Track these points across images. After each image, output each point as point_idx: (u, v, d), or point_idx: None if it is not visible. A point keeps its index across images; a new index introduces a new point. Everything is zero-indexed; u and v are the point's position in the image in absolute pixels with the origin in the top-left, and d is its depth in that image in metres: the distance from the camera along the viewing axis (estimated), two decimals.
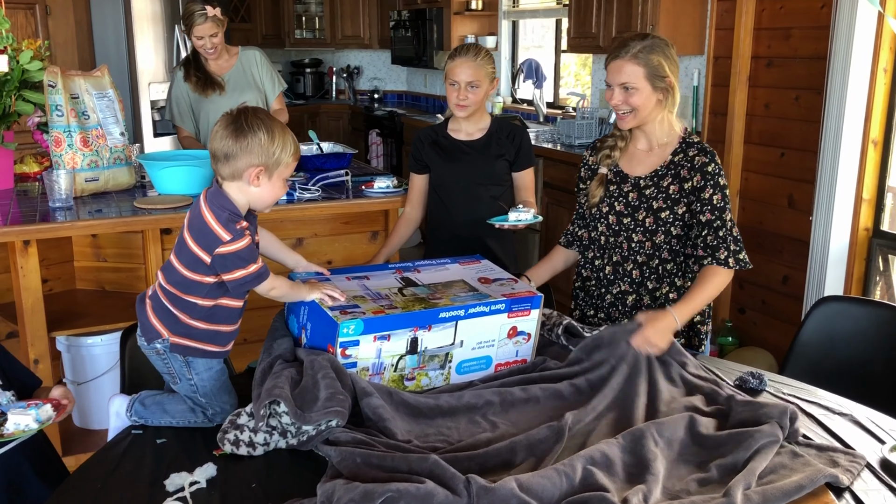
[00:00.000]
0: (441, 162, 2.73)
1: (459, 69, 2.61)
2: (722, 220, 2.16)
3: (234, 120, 1.75)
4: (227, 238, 1.72)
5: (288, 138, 1.78)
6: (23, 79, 2.89)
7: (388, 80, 7.93)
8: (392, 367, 1.84)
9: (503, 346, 1.97)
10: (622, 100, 2.14)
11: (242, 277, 1.75)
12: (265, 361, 1.81)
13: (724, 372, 2.09)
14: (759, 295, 3.94)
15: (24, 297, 2.74)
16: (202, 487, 1.57)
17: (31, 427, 1.67)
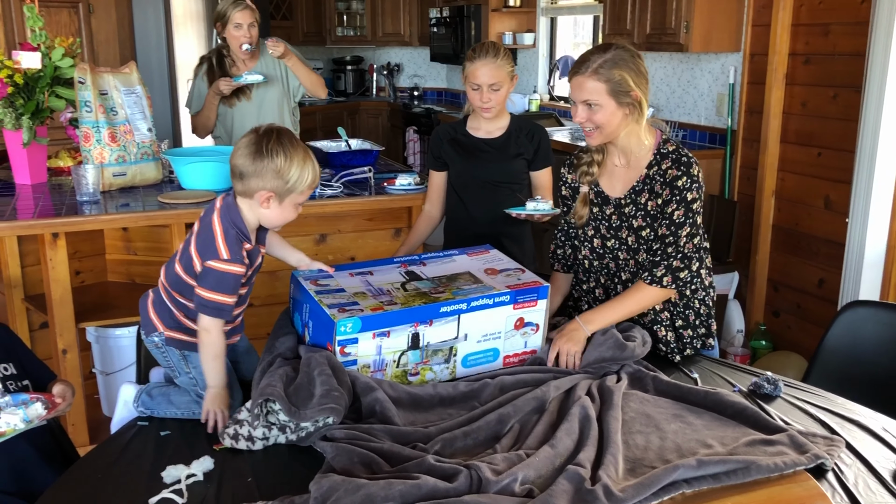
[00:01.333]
0: (460, 160, 2.72)
1: (480, 71, 2.58)
2: (676, 236, 2.05)
3: (257, 140, 1.75)
4: (224, 256, 1.73)
5: (307, 169, 1.76)
6: (55, 75, 2.96)
7: (428, 77, 7.93)
8: (394, 364, 1.84)
9: (510, 337, 1.96)
10: (586, 117, 2.03)
11: (209, 300, 1.74)
12: (265, 360, 1.82)
13: (738, 377, 2.04)
14: (794, 298, 3.84)
15: (52, 288, 2.80)
16: (198, 480, 1.58)
17: (18, 426, 1.72)
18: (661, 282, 2.07)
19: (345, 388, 1.69)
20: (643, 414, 1.79)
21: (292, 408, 1.64)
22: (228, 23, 3.45)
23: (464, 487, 1.44)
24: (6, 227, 2.60)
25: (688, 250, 2.07)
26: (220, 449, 1.70)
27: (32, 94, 2.94)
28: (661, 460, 1.60)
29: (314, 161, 1.80)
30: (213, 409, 1.76)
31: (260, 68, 3.62)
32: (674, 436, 1.69)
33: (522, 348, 2.00)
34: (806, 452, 1.60)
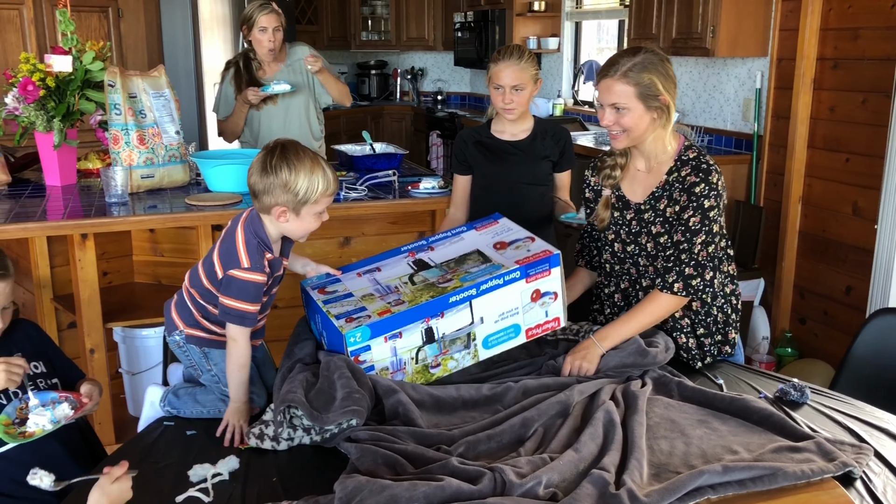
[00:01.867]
0: (486, 162, 2.72)
1: (503, 73, 2.59)
2: (690, 243, 2.03)
3: (262, 157, 1.78)
4: (245, 265, 1.76)
5: (315, 177, 1.76)
6: (85, 78, 3.00)
7: (452, 81, 7.95)
8: (412, 360, 1.85)
9: (529, 310, 1.95)
10: (613, 120, 2.02)
11: (231, 307, 1.77)
12: (285, 365, 1.84)
13: (764, 384, 2.02)
14: (821, 305, 3.80)
15: (81, 288, 2.84)
16: (224, 479, 1.60)
17: (46, 427, 1.74)
18: (672, 288, 2.05)
19: (366, 390, 1.70)
20: (668, 419, 1.78)
21: (314, 412, 1.65)
22: (254, 26, 3.49)
23: (488, 490, 1.44)
24: (37, 227, 2.64)
25: (702, 258, 2.04)
26: (245, 448, 1.72)
27: (63, 97, 2.99)
28: (685, 465, 1.59)
29: (325, 168, 1.80)
30: (232, 422, 1.77)
31: (287, 73, 3.65)
32: (699, 441, 1.68)
33: (544, 318, 1.98)
34: (834, 460, 1.58)
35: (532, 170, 2.70)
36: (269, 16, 3.47)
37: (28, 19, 4.70)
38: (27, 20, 4.70)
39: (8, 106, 2.95)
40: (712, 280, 2.10)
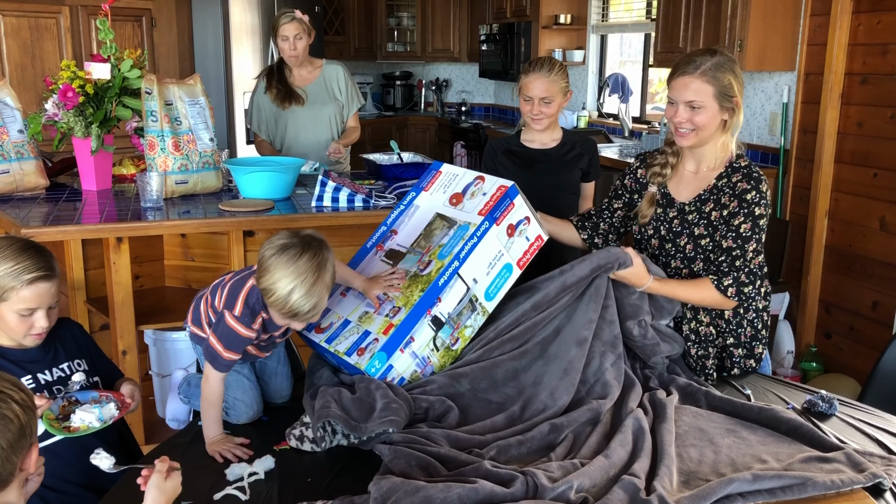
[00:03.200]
0: (516, 170, 2.75)
1: (533, 84, 2.64)
2: (742, 250, 2.04)
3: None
4: (236, 312, 1.75)
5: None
6: (123, 86, 3.07)
7: (476, 93, 7.99)
8: (434, 351, 1.88)
9: (511, 245, 1.98)
10: (687, 118, 2.04)
11: (211, 346, 1.78)
12: (309, 392, 1.85)
13: (792, 395, 2.03)
14: (847, 320, 3.79)
15: (115, 291, 2.89)
16: (260, 479, 1.63)
17: (93, 425, 1.78)
18: (727, 291, 2.06)
19: (403, 400, 1.73)
20: (696, 428, 1.79)
21: (352, 423, 1.68)
22: (277, 34, 3.60)
23: (520, 493, 1.47)
24: (75, 230, 2.70)
25: (754, 266, 2.06)
26: (279, 449, 1.75)
27: (101, 104, 3.05)
28: (715, 473, 1.60)
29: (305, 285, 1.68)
30: (218, 452, 1.75)
31: (318, 87, 3.75)
32: (728, 450, 1.70)
33: (527, 244, 2.02)
34: (863, 471, 1.59)
35: (562, 178, 2.74)
36: (289, 25, 3.58)
37: (65, 27, 4.81)
38: (64, 28, 4.81)
39: (48, 112, 3.02)
40: (759, 289, 2.12)
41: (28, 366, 1.86)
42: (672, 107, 2.08)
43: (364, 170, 3.83)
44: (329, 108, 3.76)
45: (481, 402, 1.83)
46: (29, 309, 1.79)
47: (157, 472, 1.42)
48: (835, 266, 3.84)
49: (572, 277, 1.98)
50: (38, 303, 1.79)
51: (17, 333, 1.82)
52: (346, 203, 2.97)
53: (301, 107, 3.70)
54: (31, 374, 1.85)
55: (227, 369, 1.82)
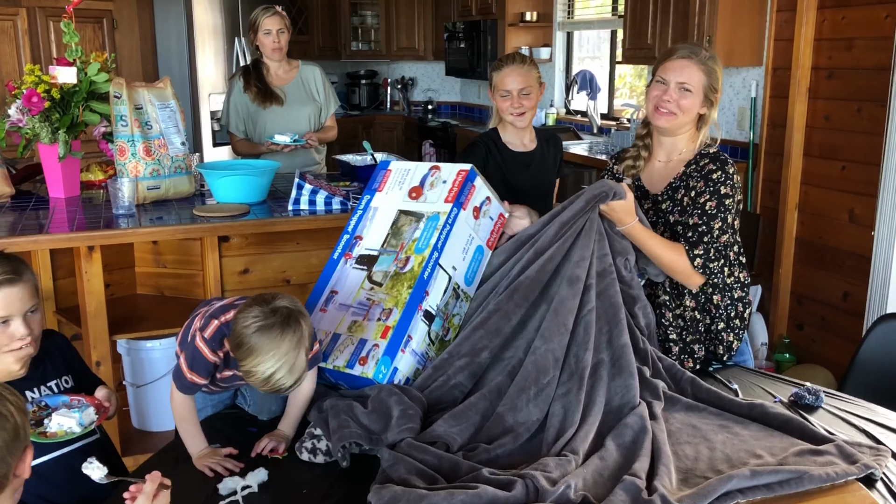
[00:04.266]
0: (511, 175, 2.70)
1: (510, 78, 2.61)
2: (708, 227, 2.07)
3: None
4: (206, 335, 1.70)
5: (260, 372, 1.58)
6: (90, 90, 2.99)
7: (442, 91, 7.98)
8: (431, 345, 1.88)
9: (479, 227, 2.01)
10: (675, 98, 2.08)
11: (179, 366, 1.74)
12: (314, 415, 1.77)
13: (778, 388, 2.05)
14: (818, 311, 3.85)
15: (87, 300, 2.83)
16: (254, 492, 1.60)
17: (73, 430, 1.71)
18: (694, 261, 2.07)
19: (417, 403, 1.71)
20: (689, 425, 1.80)
21: (373, 437, 1.65)
22: (259, 29, 3.56)
23: (521, 496, 1.46)
24: (46, 240, 2.62)
25: (720, 244, 2.09)
26: (272, 458, 1.72)
27: (68, 109, 2.98)
28: (712, 470, 1.61)
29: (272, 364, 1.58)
30: (207, 467, 1.69)
31: (296, 87, 3.71)
32: (722, 446, 1.71)
33: (491, 223, 2.05)
34: (855, 462, 1.61)
35: (549, 178, 2.75)
36: (272, 18, 3.56)
37: (22, 30, 4.68)
38: (21, 31, 4.69)
39: (11, 118, 2.93)
40: (723, 275, 2.13)
41: (16, 384, 1.79)
42: (660, 85, 2.11)
43: (337, 171, 3.79)
44: (308, 108, 3.72)
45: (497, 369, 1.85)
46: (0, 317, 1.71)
47: (144, 495, 1.36)
48: (806, 258, 3.90)
49: (569, 213, 2.00)
50: (7, 310, 1.70)
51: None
52: (324, 206, 2.93)
53: (280, 107, 3.66)
54: (20, 391, 1.78)
55: (190, 391, 1.76)
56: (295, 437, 1.79)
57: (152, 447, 3.12)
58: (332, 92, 3.87)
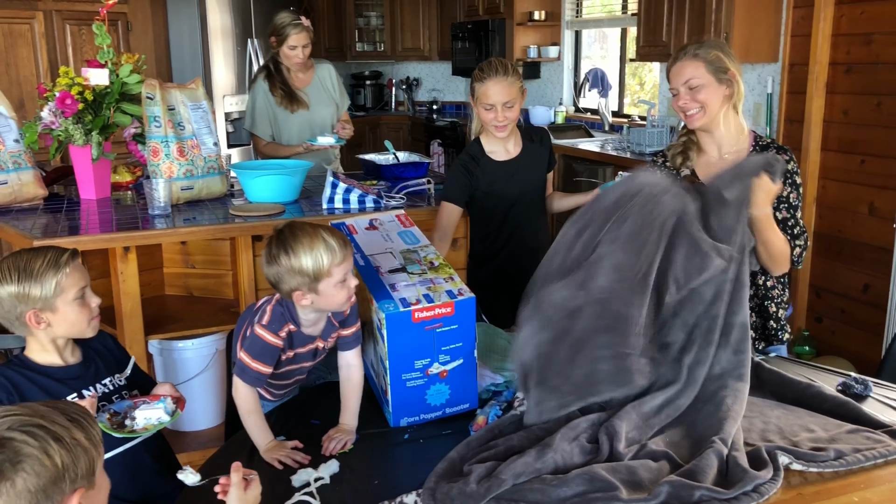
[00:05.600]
0: (498, 185, 2.68)
1: (492, 91, 2.53)
2: (795, 219, 2.18)
3: (266, 249, 1.79)
4: (264, 321, 1.80)
5: (317, 252, 1.73)
6: (122, 91, 3.01)
7: (447, 91, 8.00)
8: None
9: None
10: (690, 98, 2.12)
11: (239, 358, 1.81)
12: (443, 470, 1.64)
13: (824, 378, 2.08)
14: (838, 304, 3.89)
15: (123, 301, 2.84)
16: (326, 483, 1.62)
17: (162, 420, 1.74)
18: (793, 251, 2.16)
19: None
20: (749, 402, 1.82)
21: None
22: (284, 43, 3.53)
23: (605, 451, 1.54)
24: (87, 240, 2.63)
25: (804, 232, 2.20)
26: (340, 453, 1.74)
27: (100, 111, 2.99)
28: (763, 441, 1.65)
29: (327, 239, 1.75)
30: (271, 460, 1.72)
31: (316, 88, 3.72)
32: (776, 420, 1.75)
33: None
34: None
35: (539, 181, 2.75)
36: (300, 35, 3.54)
37: (39, 33, 4.69)
38: (38, 34, 4.69)
39: (44, 120, 2.94)
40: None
41: (71, 383, 1.81)
42: (676, 96, 2.17)
43: (361, 170, 3.81)
44: (330, 108, 3.75)
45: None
46: (81, 289, 1.75)
47: (234, 486, 1.38)
48: (824, 251, 3.94)
49: (745, 166, 1.94)
50: (84, 279, 1.77)
51: (83, 323, 1.77)
52: (357, 204, 2.95)
53: (307, 111, 3.67)
54: (76, 390, 1.80)
55: (258, 382, 1.82)
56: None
57: (185, 447, 3.13)
58: (344, 88, 3.89)
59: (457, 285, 1.88)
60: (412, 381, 1.83)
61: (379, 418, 1.88)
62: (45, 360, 1.79)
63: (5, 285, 1.70)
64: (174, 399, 1.81)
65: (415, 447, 1.77)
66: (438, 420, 1.88)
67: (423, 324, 1.80)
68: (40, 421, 1.12)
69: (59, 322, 1.74)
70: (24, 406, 1.15)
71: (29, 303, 1.70)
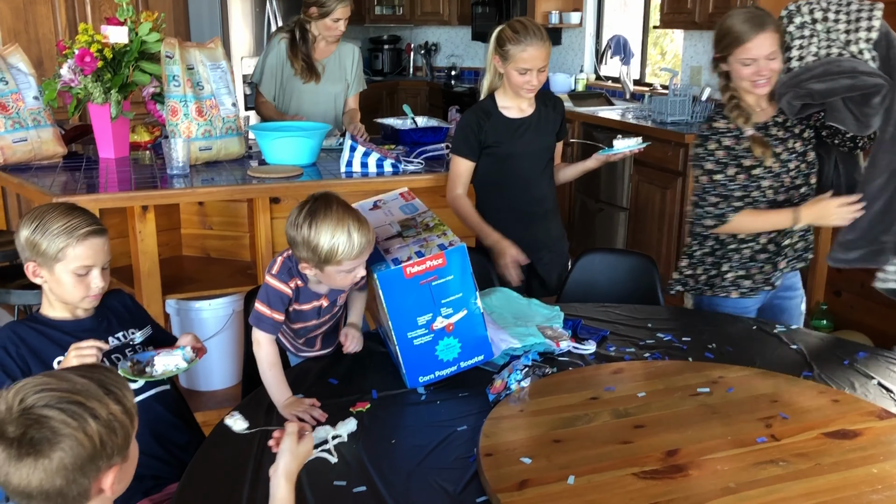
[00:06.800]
0: (503, 141, 2.66)
1: (531, 56, 2.50)
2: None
3: (297, 209, 1.80)
4: (274, 271, 1.86)
5: (338, 239, 1.73)
6: (141, 50, 2.99)
7: (466, 56, 7.92)
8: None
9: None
10: (767, 69, 2.22)
11: (255, 309, 1.86)
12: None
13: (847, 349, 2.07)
14: (857, 277, 3.85)
15: (141, 260, 2.85)
16: (343, 441, 1.63)
17: (179, 366, 1.78)
18: None
19: None
20: None
21: None
22: (328, 15, 3.45)
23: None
24: (107, 198, 2.64)
25: None
26: (356, 412, 1.75)
27: (119, 69, 2.98)
28: None
29: (352, 231, 1.73)
30: (294, 415, 1.71)
31: (333, 63, 3.66)
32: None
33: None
34: None
35: (547, 142, 2.72)
36: (346, 8, 3.47)
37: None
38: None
39: (63, 77, 2.94)
40: None
41: (83, 335, 1.81)
42: (752, 64, 2.22)
43: (379, 135, 3.79)
44: (339, 86, 3.67)
45: None
46: (85, 267, 1.74)
47: (290, 435, 1.37)
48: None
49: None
50: (93, 259, 1.75)
51: (75, 296, 1.77)
52: (376, 168, 2.94)
53: (317, 84, 3.61)
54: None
55: (274, 330, 1.85)
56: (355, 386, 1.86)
57: (202, 406, 3.16)
58: (362, 75, 3.81)
59: (448, 238, 1.88)
60: (419, 338, 1.84)
61: (398, 383, 1.89)
62: (56, 315, 1.82)
63: (24, 228, 1.74)
64: (194, 349, 1.83)
65: (431, 408, 1.78)
66: (455, 383, 1.88)
67: (418, 279, 1.81)
68: (78, 398, 1.13)
69: (54, 284, 1.76)
70: (61, 377, 1.16)
71: (33, 253, 1.74)
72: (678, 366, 1.93)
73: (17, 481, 1.10)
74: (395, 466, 1.54)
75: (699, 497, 1.38)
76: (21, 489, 1.11)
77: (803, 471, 1.46)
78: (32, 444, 1.09)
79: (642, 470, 1.46)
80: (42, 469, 1.09)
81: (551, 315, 2.18)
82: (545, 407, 1.72)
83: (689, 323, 2.24)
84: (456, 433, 1.65)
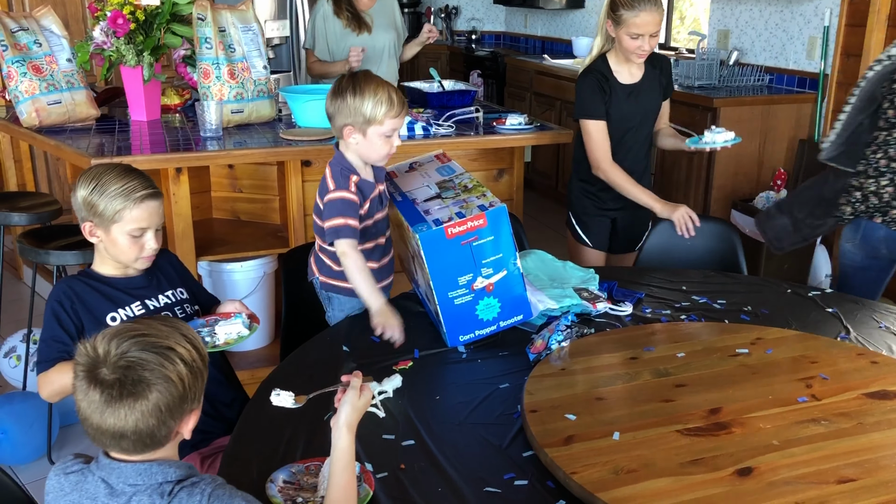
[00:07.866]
0: (616, 105, 2.68)
1: (645, 22, 2.53)
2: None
3: (335, 84, 1.99)
4: (332, 186, 1.97)
5: (379, 99, 1.93)
6: (172, 12, 2.99)
7: (487, 20, 7.85)
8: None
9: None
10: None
11: (330, 226, 1.96)
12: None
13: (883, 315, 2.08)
14: None
15: (175, 222, 2.88)
16: (389, 397, 1.66)
17: (242, 334, 1.80)
18: None
19: None
20: None
21: None
22: None
23: None
24: (143, 160, 2.66)
25: None
26: (399, 369, 1.78)
27: (151, 31, 2.98)
28: None
29: (391, 93, 1.95)
30: (381, 324, 1.89)
31: (380, 12, 3.70)
32: None
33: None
34: None
35: (649, 107, 2.75)
36: None
37: None
38: None
39: (96, 39, 2.95)
40: None
41: (135, 292, 1.86)
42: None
43: (406, 98, 3.78)
44: (391, 34, 3.72)
45: None
46: (140, 229, 1.77)
47: (353, 389, 1.38)
48: None
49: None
50: (148, 222, 1.78)
51: (129, 256, 1.81)
52: (406, 130, 2.94)
53: (369, 34, 3.63)
54: (140, 299, 1.85)
55: (355, 234, 1.97)
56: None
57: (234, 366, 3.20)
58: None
59: (488, 199, 1.91)
60: (460, 297, 1.86)
61: (439, 342, 1.92)
62: (108, 272, 1.85)
63: (81, 188, 1.76)
64: (248, 315, 1.86)
65: (473, 366, 1.81)
66: (495, 343, 1.91)
67: (459, 239, 1.84)
68: (168, 342, 1.18)
69: (109, 244, 1.79)
70: (147, 325, 1.21)
71: (90, 214, 1.76)
72: (716, 327, 1.95)
73: (112, 421, 1.15)
74: (442, 421, 1.58)
75: (744, 454, 1.40)
76: (116, 430, 1.16)
77: (846, 429, 1.48)
78: (133, 385, 1.14)
79: (686, 427, 1.49)
80: (139, 410, 1.15)
81: (587, 277, 2.19)
82: (586, 366, 1.74)
83: (723, 286, 2.26)
84: (498, 390, 1.68)
